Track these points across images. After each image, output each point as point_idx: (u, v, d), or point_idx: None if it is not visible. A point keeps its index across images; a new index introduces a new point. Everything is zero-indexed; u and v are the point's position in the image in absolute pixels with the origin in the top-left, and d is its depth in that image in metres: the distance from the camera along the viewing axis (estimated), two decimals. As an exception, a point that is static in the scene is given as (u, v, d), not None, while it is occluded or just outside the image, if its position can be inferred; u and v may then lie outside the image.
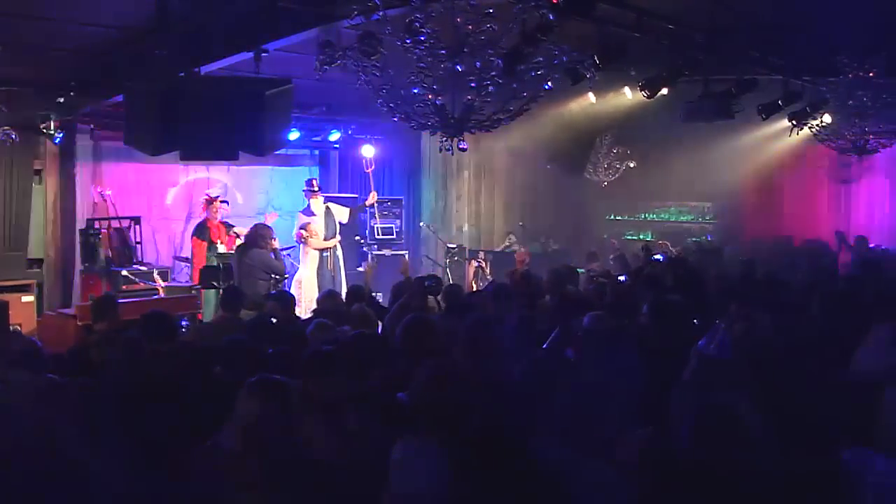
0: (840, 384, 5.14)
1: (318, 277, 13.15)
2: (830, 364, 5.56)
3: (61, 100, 11.35)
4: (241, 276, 10.78)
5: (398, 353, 5.87)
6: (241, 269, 10.86)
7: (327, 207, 13.58)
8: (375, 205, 14.86)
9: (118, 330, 7.35)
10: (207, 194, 13.58)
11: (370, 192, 14.63)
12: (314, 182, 13.82)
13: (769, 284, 8.77)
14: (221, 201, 13.25)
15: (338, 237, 13.61)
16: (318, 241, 13.16)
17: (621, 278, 8.99)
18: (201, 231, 12.83)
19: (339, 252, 13.73)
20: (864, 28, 10.37)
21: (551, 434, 4.00)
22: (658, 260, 11.55)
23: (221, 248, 12.60)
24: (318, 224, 13.27)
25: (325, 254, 13.38)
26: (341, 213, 13.85)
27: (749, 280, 9.51)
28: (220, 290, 10.57)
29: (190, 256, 13.10)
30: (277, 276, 11.09)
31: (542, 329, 6.58)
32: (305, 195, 13.67)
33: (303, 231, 13.07)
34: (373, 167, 15.13)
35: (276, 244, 11.47)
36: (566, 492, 3.60)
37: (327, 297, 8.80)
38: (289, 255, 13.57)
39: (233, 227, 12.68)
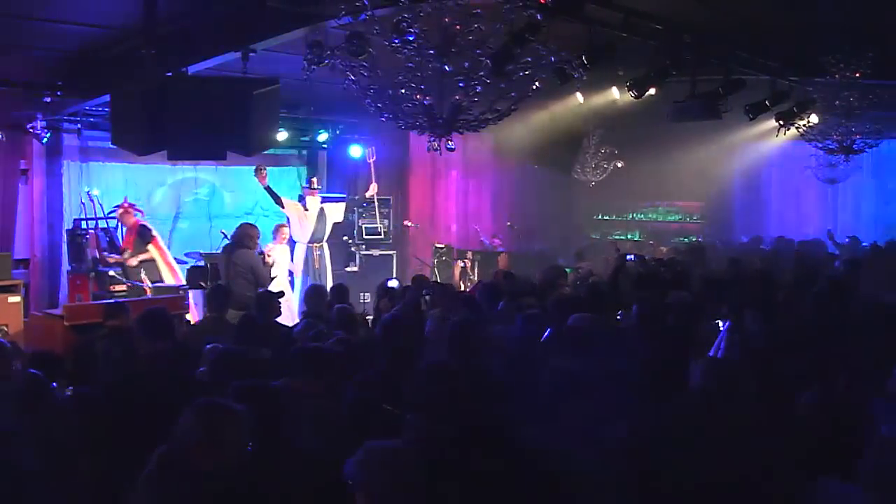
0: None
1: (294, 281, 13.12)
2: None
3: (48, 99, 11.30)
4: (228, 276, 10.74)
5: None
6: (228, 269, 10.82)
7: (322, 209, 13.49)
8: (375, 197, 14.74)
9: (126, 328, 7.36)
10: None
11: (370, 183, 14.52)
12: (314, 181, 13.81)
13: (756, 284, 8.84)
14: (124, 211, 12.60)
15: (319, 251, 13.48)
16: (282, 248, 13.02)
17: None
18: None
19: (327, 254, 13.63)
20: (850, 29, 10.42)
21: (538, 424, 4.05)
22: (630, 259, 11.52)
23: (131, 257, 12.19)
24: (305, 225, 13.22)
25: (309, 256, 13.32)
26: (336, 213, 13.76)
27: (735, 280, 9.56)
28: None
29: None
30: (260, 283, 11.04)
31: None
32: (304, 192, 13.63)
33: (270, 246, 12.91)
34: (374, 157, 14.99)
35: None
36: (555, 481, 3.63)
37: (313, 297, 8.73)
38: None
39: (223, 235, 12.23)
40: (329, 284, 13.03)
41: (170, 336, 6.51)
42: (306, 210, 13.30)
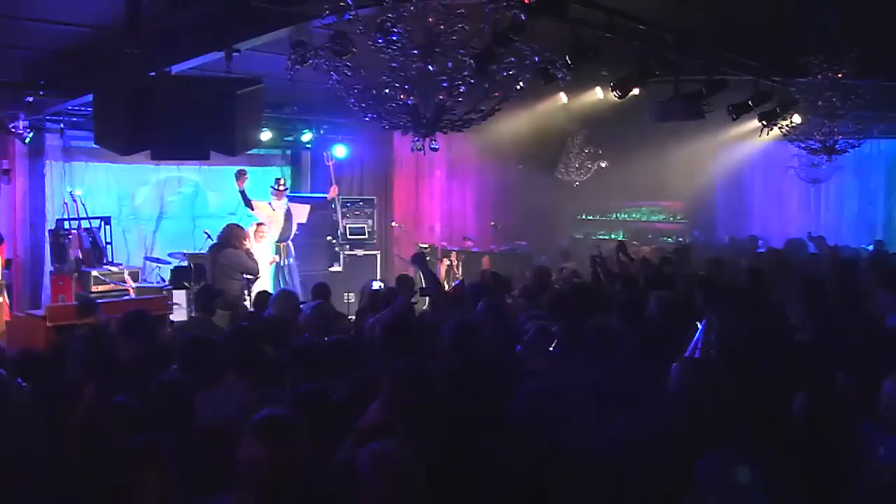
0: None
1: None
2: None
3: (30, 99, 11.25)
4: (215, 276, 10.72)
5: (378, 353, 5.90)
6: (215, 270, 10.80)
7: (289, 208, 13.56)
8: (337, 199, 14.86)
9: (100, 327, 7.32)
10: None
11: (331, 185, 14.67)
12: (281, 182, 13.83)
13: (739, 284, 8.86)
14: None
15: (287, 249, 13.58)
16: (264, 247, 12.99)
17: None
18: None
19: (292, 252, 13.69)
20: (832, 29, 10.46)
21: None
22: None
23: None
24: (273, 225, 13.24)
25: (278, 254, 13.36)
26: (301, 213, 13.82)
27: (719, 280, 9.58)
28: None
29: None
30: (250, 276, 11.07)
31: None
32: (271, 192, 13.66)
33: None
34: (333, 160, 15.25)
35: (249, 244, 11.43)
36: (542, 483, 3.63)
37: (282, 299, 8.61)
38: None
39: None
40: (297, 281, 13.29)
41: (150, 339, 6.47)
42: (273, 210, 13.36)
